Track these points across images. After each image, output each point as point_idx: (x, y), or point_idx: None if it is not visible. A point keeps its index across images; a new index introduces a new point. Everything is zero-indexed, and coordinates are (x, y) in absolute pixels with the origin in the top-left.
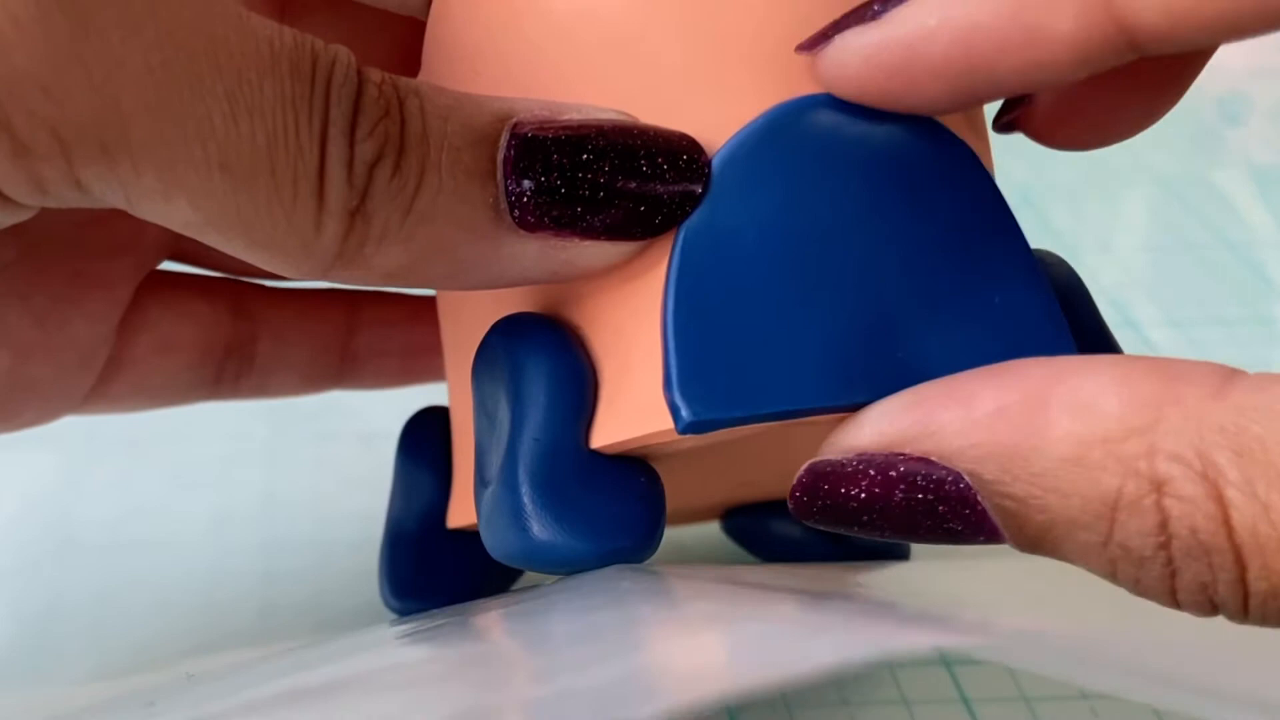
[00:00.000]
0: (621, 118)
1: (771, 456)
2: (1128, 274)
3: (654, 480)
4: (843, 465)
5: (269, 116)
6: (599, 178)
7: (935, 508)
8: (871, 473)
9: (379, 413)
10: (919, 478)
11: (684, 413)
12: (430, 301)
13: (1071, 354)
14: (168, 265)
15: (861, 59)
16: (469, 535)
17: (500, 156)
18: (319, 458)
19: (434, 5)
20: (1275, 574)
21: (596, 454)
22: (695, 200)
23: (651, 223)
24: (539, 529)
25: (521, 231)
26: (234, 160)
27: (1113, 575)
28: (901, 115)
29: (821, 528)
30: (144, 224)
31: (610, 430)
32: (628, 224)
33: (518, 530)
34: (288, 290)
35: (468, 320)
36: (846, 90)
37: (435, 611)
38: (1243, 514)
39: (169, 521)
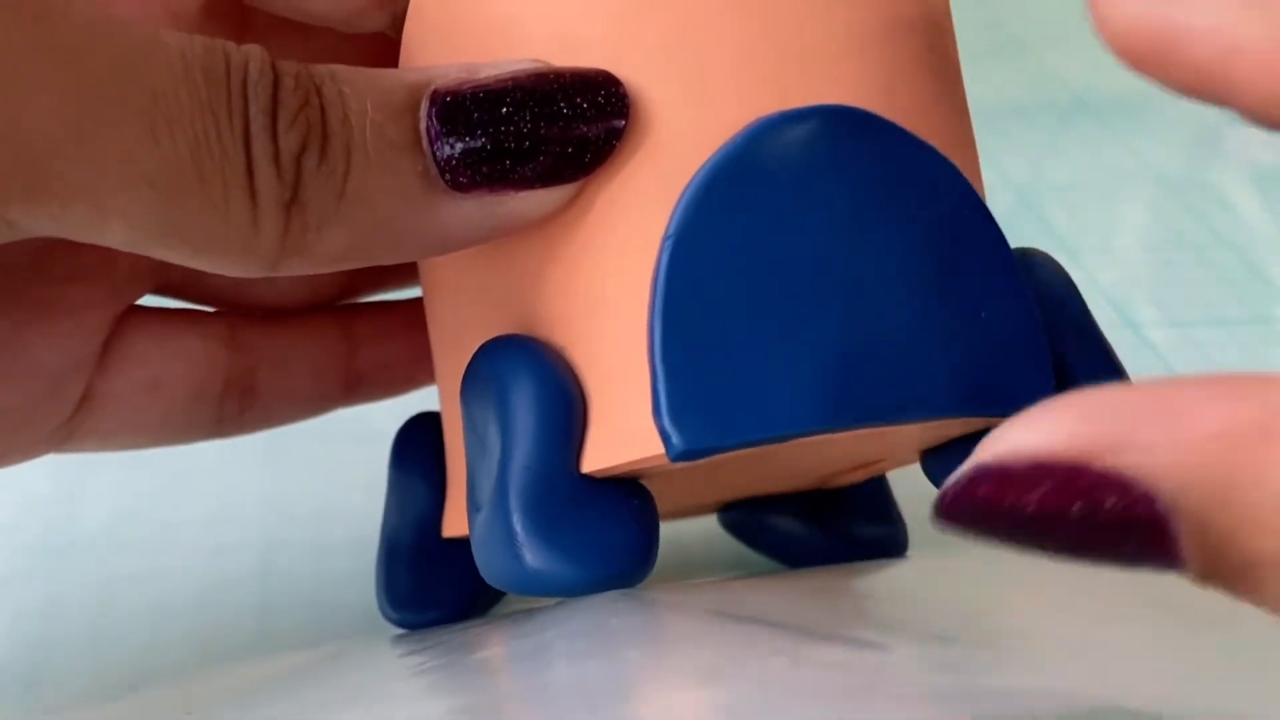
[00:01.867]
0: (536, 65)
1: (760, 464)
2: (1128, 274)
3: (646, 502)
4: (1014, 470)
5: (189, 126)
6: (522, 127)
7: (1118, 531)
8: (1049, 483)
9: (376, 414)
10: (1109, 496)
11: (675, 440)
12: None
13: (1047, 370)
14: (157, 301)
15: (1134, 18)
16: (465, 544)
17: (423, 125)
18: (317, 459)
19: (407, 25)
20: None
21: (587, 478)
22: (619, 134)
23: (581, 162)
24: (532, 557)
25: (456, 194)
26: (160, 176)
27: None
28: (885, 132)
29: (966, 535)
30: (114, 252)
31: (601, 456)
32: (559, 168)
33: (511, 558)
34: (283, 318)
35: (454, 332)
36: (1110, 40)
37: (434, 638)
38: None
39: (167, 523)
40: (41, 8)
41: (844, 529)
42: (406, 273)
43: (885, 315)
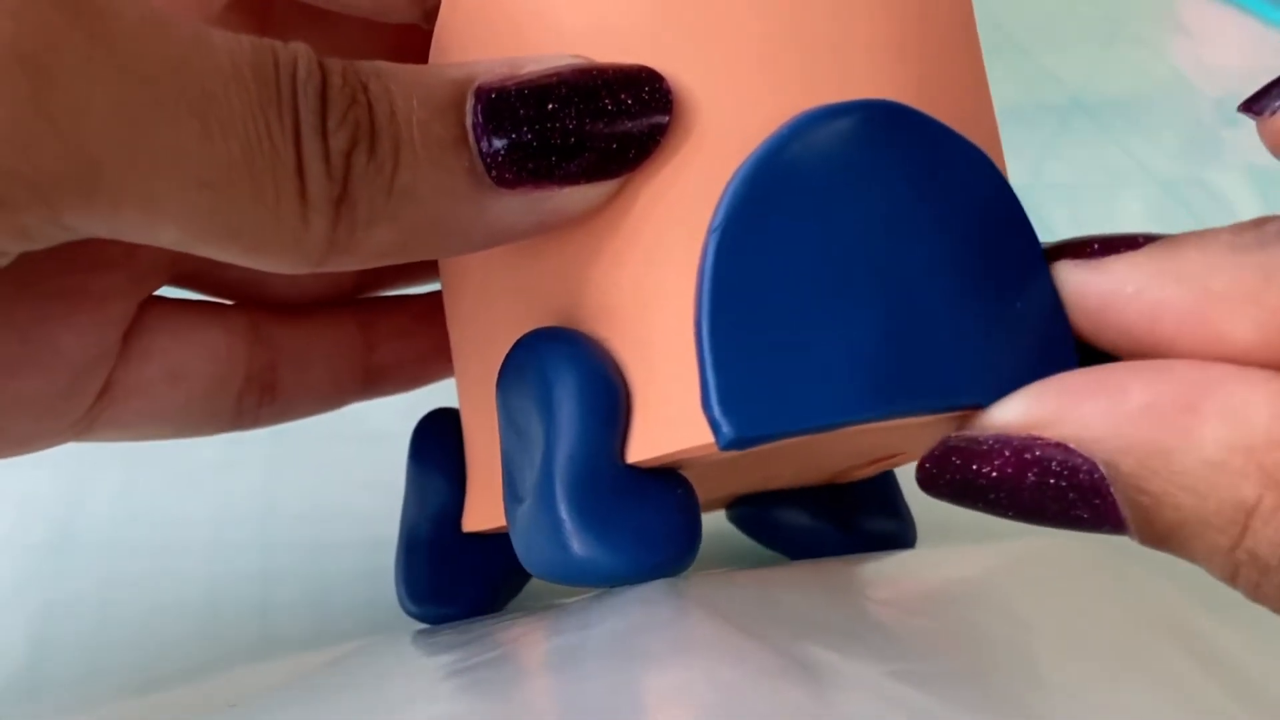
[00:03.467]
0: (579, 61)
1: (793, 455)
2: None
3: (689, 492)
4: (979, 442)
5: (240, 126)
6: (567, 123)
7: (1066, 494)
8: (1006, 453)
9: (380, 413)
10: (1054, 463)
11: (725, 429)
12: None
13: (1073, 363)
14: (177, 293)
15: (1072, 288)
16: (485, 538)
17: (469, 121)
18: (319, 458)
19: (441, 15)
20: None
21: (632, 468)
22: (662, 129)
23: (626, 158)
24: (579, 546)
25: (502, 190)
26: (213, 176)
27: (1232, 579)
28: (922, 126)
29: (944, 500)
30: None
31: (647, 445)
32: (604, 163)
33: (557, 548)
34: (302, 312)
35: (483, 326)
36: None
37: (459, 636)
38: None
39: (168, 523)
40: (93, 7)
41: (852, 523)
42: (425, 268)
43: (927, 305)
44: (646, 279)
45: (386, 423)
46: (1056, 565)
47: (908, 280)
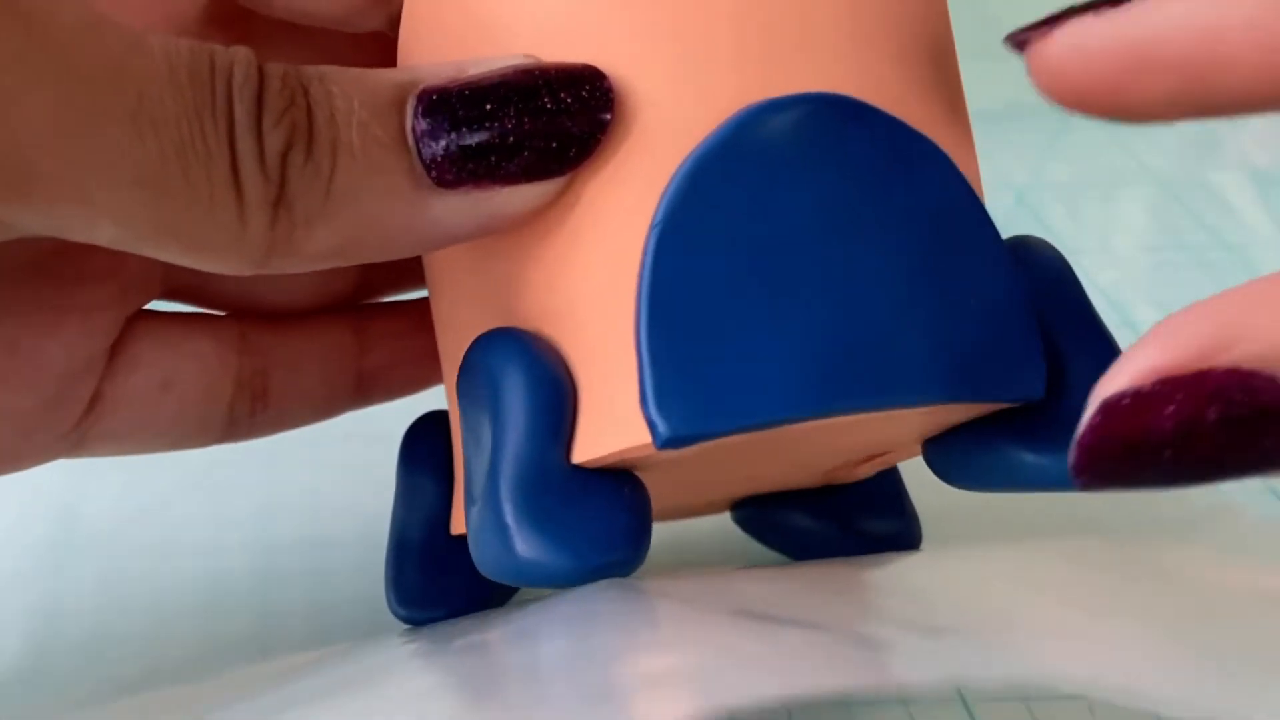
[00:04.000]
0: (524, 61)
1: (762, 454)
2: (1126, 274)
3: (638, 491)
4: (1142, 392)
5: (174, 127)
6: (506, 123)
7: (1254, 425)
8: (1179, 395)
9: (380, 413)
10: (1236, 389)
11: (661, 428)
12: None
13: (1039, 351)
14: (167, 306)
15: (1095, 48)
16: None
17: (409, 124)
18: (317, 459)
19: (402, 23)
20: None
21: (579, 469)
22: (604, 127)
23: (566, 157)
24: (523, 547)
25: (442, 190)
26: (145, 175)
27: None
28: (874, 120)
29: (1105, 485)
30: (122, 255)
31: (590, 446)
32: (544, 163)
33: (503, 548)
34: (294, 320)
35: (454, 329)
36: (1062, 86)
37: (435, 629)
38: None
39: (168, 523)
40: (30, 7)
41: (855, 524)
42: (417, 274)
43: (873, 301)
44: (591, 278)
45: (387, 423)
46: (1068, 567)
47: (855, 274)
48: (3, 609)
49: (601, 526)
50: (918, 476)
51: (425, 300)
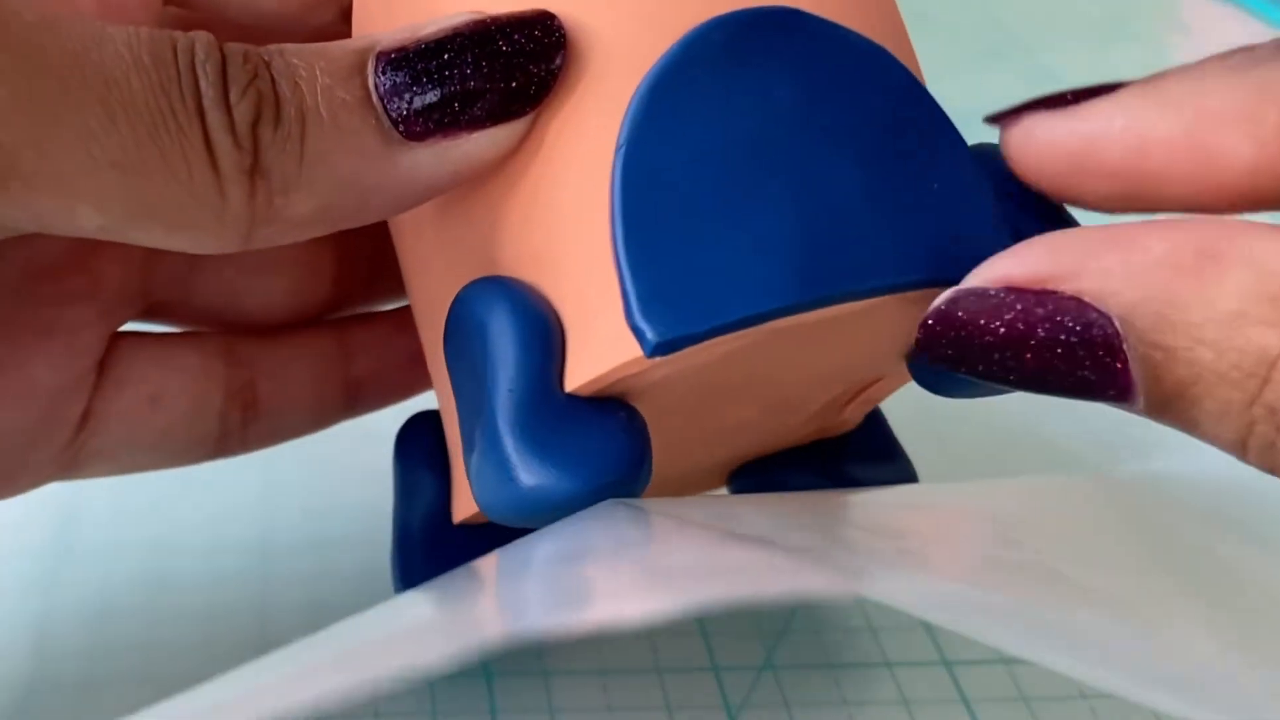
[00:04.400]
0: (474, 15)
1: (759, 386)
2: None
3: (633, 414)
4: (988, 295)
5: (144, 107)
6: (465, 69)
7: (1075, 352)
8: (1018, 307)
9: (378, 413)
10: (1068, 317)
11: (649, 335)
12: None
13: (1008, 235)
14: (150, 327)
15: (1046, 142)
16: (477, 529)
17: (371, 83)
18: (316, 458)
19: (354, 12)
20: None
21: (574, 397)
22: (559, 61)
23: (527, 95)
24: (526, 475)
25: (411, 143)
26: (121, 157)
27: (1244, 439)
28: (817, 27)
29: (943, 365)
30: (100, 273)
31: (582, 370)
32: (506, 104)
33: (506, 481)
34: (277, 332)
35: (435, 298)
36: (1025, 168)
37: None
38: None
39: (167, 524)
40: None
41: (851, 474)
42: (392, 282)
43: (842, 193)
44: (564, 209)
45: (386, 423)
46: (1066, 501)
47: (820, 172)
48: (2, 612)
49: (602, 448)
50: (908, 428)
51: (405, 307)
